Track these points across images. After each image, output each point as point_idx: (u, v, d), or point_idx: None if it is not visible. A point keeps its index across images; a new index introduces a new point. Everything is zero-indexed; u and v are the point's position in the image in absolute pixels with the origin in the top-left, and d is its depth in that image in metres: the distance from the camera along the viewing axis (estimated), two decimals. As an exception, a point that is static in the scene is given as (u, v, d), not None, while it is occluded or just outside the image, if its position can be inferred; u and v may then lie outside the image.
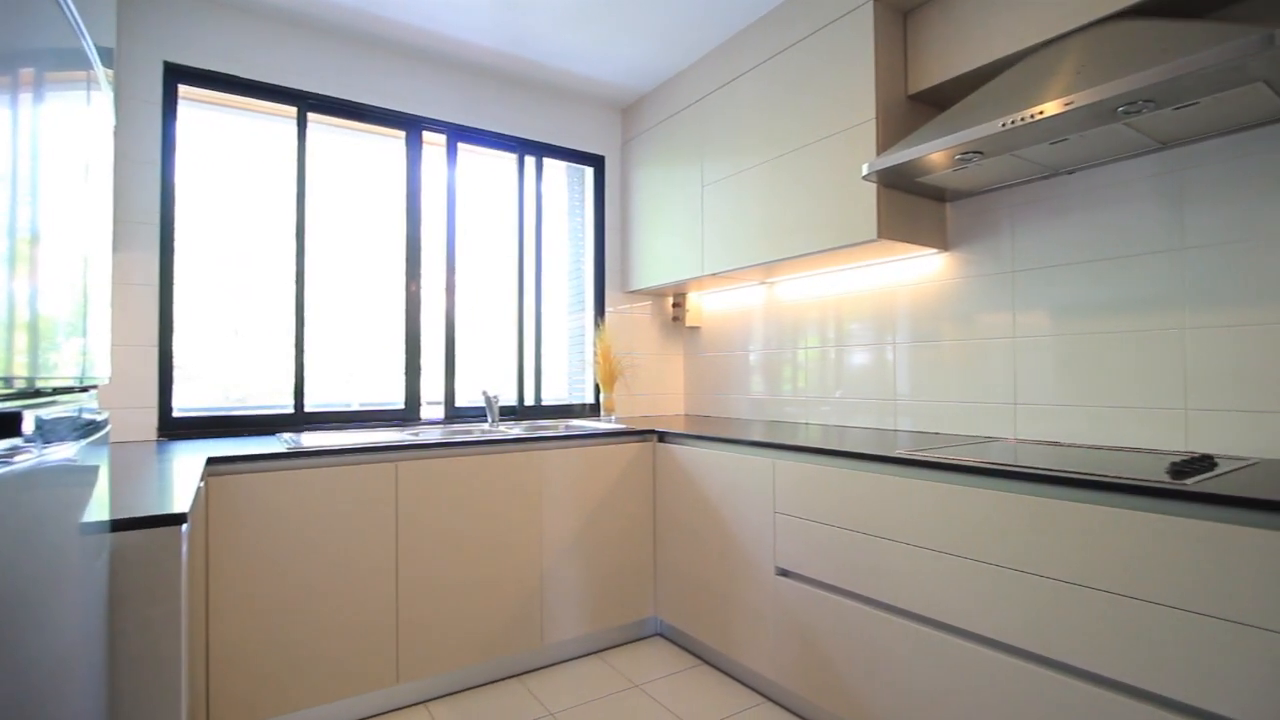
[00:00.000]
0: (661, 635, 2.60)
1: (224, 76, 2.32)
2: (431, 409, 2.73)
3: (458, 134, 2.82)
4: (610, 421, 2.89)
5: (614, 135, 3.26)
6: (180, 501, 1.15)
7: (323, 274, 2.53)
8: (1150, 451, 1.65)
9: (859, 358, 2.46)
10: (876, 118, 1.98)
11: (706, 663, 2.34)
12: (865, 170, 1.87)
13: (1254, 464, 1.41)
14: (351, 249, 2.61)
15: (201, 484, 1.56)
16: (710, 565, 2.26)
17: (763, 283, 2.86)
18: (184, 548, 1.08)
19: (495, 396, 2.71)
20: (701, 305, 3.24)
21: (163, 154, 2.21)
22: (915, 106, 2.09)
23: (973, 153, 1.68)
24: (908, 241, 2.05)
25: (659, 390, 3.30)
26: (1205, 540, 1.13)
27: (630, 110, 3.21)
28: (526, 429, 2.64)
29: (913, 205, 2.07)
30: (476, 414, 2.81)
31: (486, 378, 2.90)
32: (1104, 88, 1.36)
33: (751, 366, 2.93)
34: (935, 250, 2.16)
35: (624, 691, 2.13)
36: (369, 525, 1.95)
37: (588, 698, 2.09)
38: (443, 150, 2.81)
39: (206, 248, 2.33)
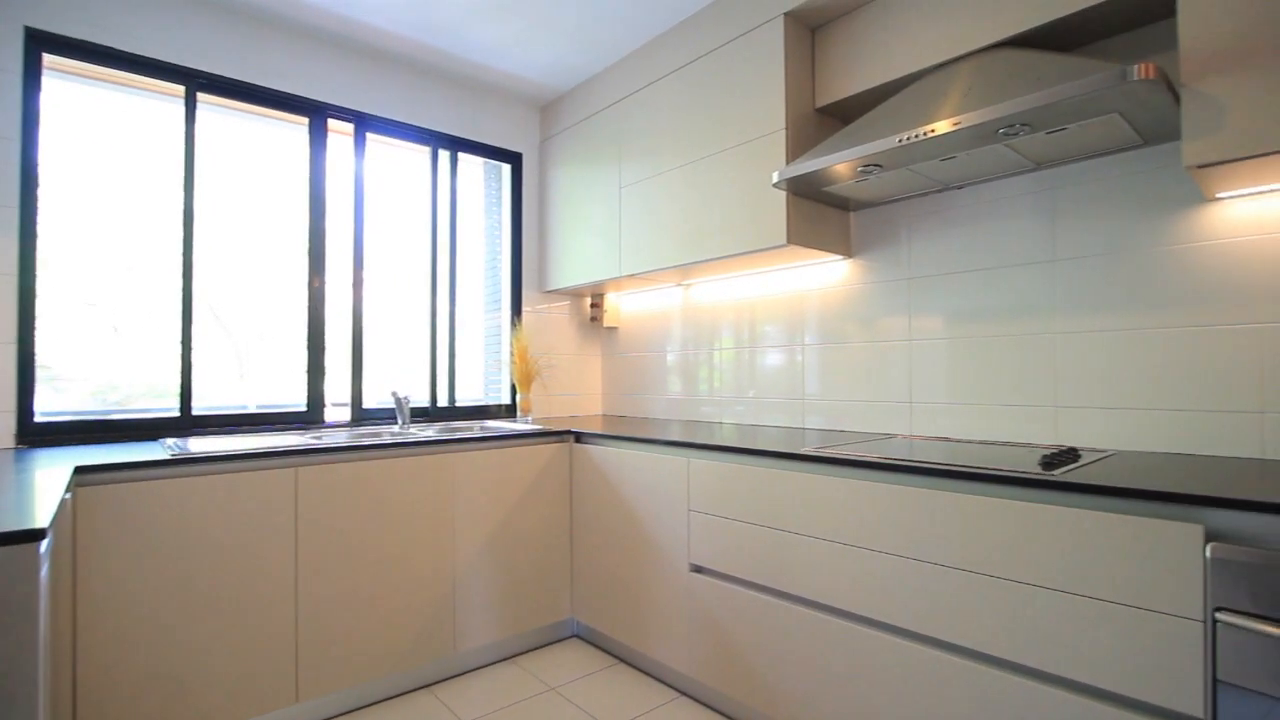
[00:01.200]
0: (579, 637, 2.59)
1: (99, 48, 2.11)
2: (337, 411, 2.60)
3: (367, 123, 2.70)
4: (527, 422, 2.85)
5: (532, 133, 3.22)
6: (40, 515, 1.04)
7: (215, 267, 2.36)
8: (1026, 445, 1.80)
9: (771, 359, 2.55)
10: (786, 128, 2.06)
11: (624, 662, 2.35)
12: (775, 178, 1.94)
13: (1111, 455, 1.57)
14: (248, 241, 2.44)
15: (68, 495, 1.41)
16: (626, 564, 2.27)
17: (680, 285, 2.91)
18: (44, 567, 0.98)
19: (406, 398, 2.61)
20: (619, 306, 3.26)
21: (23, 130, 1.98)
22: (822, 119, 2.19)
23: (873, 165, 1.78)
24: (815, 248, 2.14)
25: (577, 390, 3.29)
26: (1069, 524, 1.24)
27: (549, 108, 3.18)
28: (439, 431, 2.56)
29: (820, 213, 2.17)
30: (386, 416, 2.70)
31: (397, 378, 2.79)
32: (986, 111, 1.47)
33: (669, 367, 2.98)
34: (841, 257, 2.27)
35: (539, 695, 2.11)
36: (265, 536, 1.84)
37: (502, 704, 2.06)
38: (350, 140, 2.68)
39: (81, 236, 2.12)
